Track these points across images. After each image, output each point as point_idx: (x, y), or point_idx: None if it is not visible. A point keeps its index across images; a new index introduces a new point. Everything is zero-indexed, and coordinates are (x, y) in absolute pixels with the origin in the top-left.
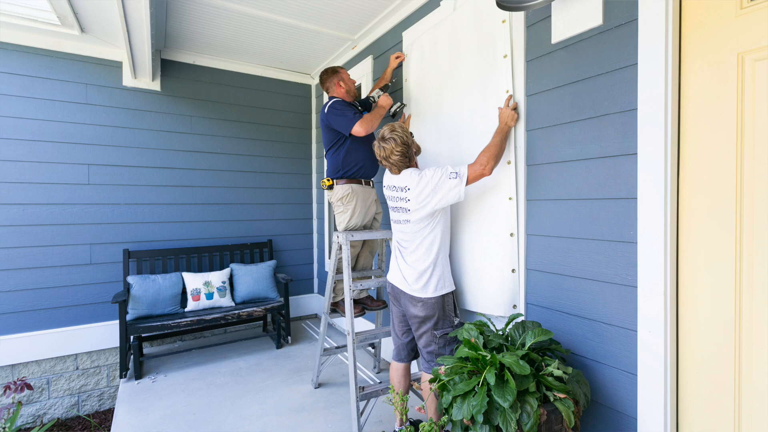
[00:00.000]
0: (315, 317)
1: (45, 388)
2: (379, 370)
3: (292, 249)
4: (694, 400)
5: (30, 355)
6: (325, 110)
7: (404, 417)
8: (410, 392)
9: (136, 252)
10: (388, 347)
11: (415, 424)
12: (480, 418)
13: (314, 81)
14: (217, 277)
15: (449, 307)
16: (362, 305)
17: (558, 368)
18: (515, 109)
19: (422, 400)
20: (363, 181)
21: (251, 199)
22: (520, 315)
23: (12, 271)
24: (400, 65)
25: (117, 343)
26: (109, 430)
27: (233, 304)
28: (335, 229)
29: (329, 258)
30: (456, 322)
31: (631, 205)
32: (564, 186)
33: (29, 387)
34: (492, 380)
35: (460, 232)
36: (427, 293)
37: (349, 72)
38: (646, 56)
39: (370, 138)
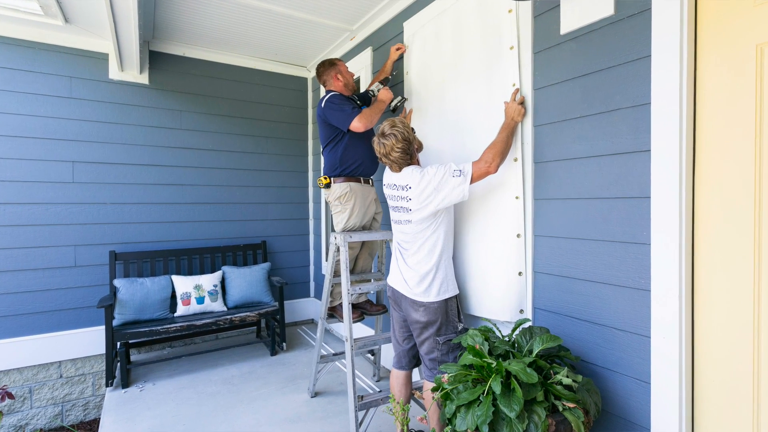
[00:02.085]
0: (311, 323)
1: (27, 397)
2: (379, 378)
3: (287, 251)
4: (710, 409)
5: (11, 362)
6: (322, 105)
7: (405, 427)
8: (411, 401)
9: (123, 254)
10: (388, 354)
11: None
12: (485, 429)
13: (311, 74)
14: (209, 281)
15: (453, 312)
16: (361, 310)
17: (567, 376)
18: (522, 103)
19: (424, 409)
20: (362, 179)
21: (244, 199)
22: (528, 320)
23: None
24: (400, 57)
25: (103, 350)
26: None
27: (225, 308)
28: (333, 230)
29: (326, 260)
30: (460, 328)
31: (644, 205)
32: (573, 184)
33: (10, 396)
34: (498, 389)
35: (464, 233)
36: (430, 297)
37: (347, 64)
38: (659, 48)
39: (369, 134)
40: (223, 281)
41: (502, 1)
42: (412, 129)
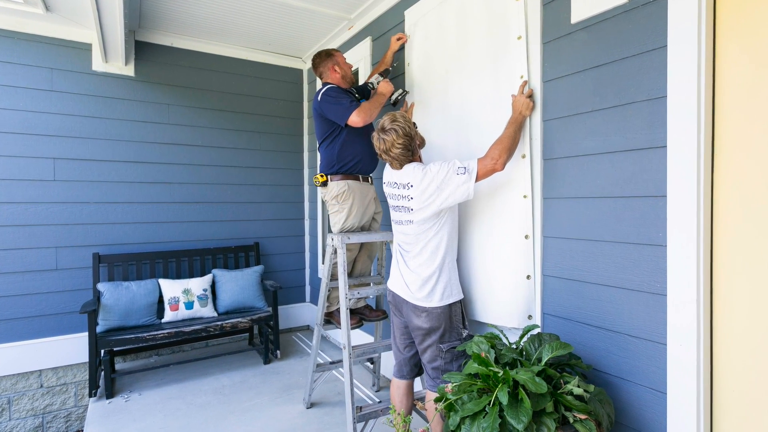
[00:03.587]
0: (307, 329)
1: (5, 408)
2: (379, 388)
3: (281, 253)
4: (730, 421)
5: None
6: (318, 98)
7: None
8: (413, 413)
9: (108, 256)
10: (388, 362)
11: None
12: None
13: (306, 65)
14: (198, 285)
15: (457, 318)
16: (360, 316)
17: (578, 386)
18: (530, 96)
19: (426, 421)
20: (360, 177)
21: (236, 198)
22: (536, 327)
23: None
24: (401, 48)
25: (86, 358)
26: None
27: (216, 314)
28: (330, 231)
29: (323, 263)
30: (464, 335)
31: (660, 204)
32: (585, 182)
33: None
34: (504, 399)
35: (469, 234)
36: (432, 302)
37: (345, 55)
38: (676, 38)
39: (368, 129)
40: (213, 285)
41: None
42: (414, 124)
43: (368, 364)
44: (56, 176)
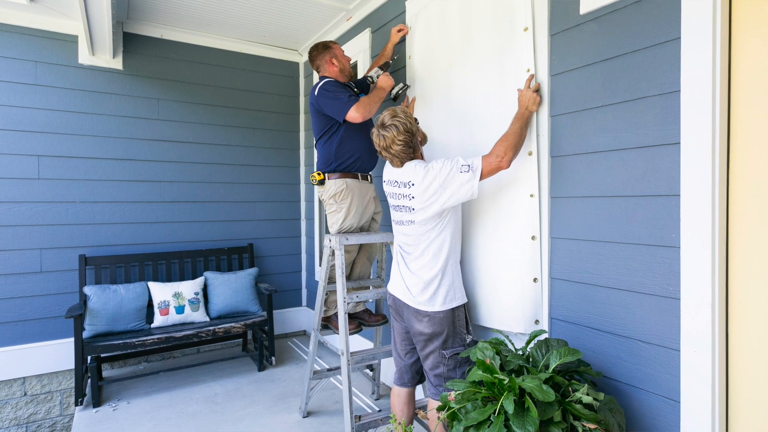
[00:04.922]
0: (303, 334)
1: None
2: (379, 396)
3: (276, 255)
4: (746, 431)
5: None
6: (315, 92)
7: None
8: (415, 422)
9: (95, 258)
10: (388, 369)
11: None
12: None
13: (303, 58)
14: (189, 288)
15: (460, 323)
16: (358, 320)
17: (587, 394)
18: (537, 91)
19: (429, 431)
20: (359, 175)
21: (229, 197)
22: (543, 332)
23: None
24: (402, 40)
25: (72, 365)
26: None
27: (208, 319)
28: (327, 232)
29: (320, 265)
30: (468, 340)
31: (673, 203)
32: (595, 181)
33: None
34: (510, 408)
35: (473, 235)
36: (435, 306)
37: (343, 48)
38: (690, 29)
39: (367, 125)
40: (205, 288)
41: None
42: (415, 119)
43: (367, 371)
44: (41, 174)
